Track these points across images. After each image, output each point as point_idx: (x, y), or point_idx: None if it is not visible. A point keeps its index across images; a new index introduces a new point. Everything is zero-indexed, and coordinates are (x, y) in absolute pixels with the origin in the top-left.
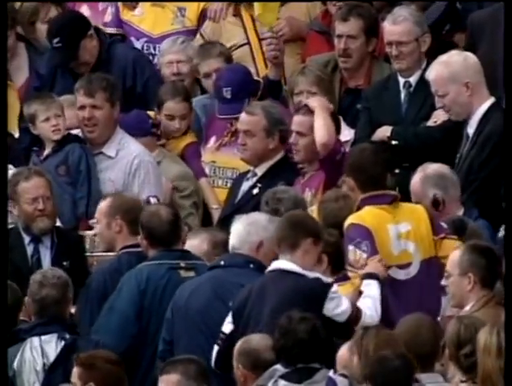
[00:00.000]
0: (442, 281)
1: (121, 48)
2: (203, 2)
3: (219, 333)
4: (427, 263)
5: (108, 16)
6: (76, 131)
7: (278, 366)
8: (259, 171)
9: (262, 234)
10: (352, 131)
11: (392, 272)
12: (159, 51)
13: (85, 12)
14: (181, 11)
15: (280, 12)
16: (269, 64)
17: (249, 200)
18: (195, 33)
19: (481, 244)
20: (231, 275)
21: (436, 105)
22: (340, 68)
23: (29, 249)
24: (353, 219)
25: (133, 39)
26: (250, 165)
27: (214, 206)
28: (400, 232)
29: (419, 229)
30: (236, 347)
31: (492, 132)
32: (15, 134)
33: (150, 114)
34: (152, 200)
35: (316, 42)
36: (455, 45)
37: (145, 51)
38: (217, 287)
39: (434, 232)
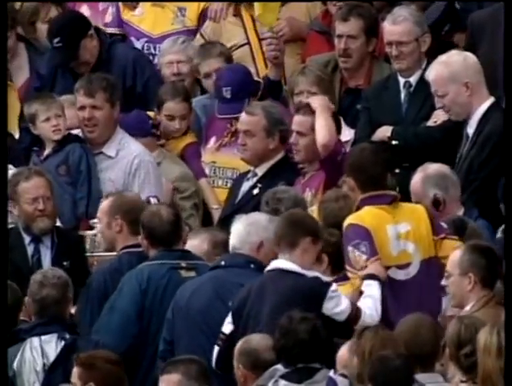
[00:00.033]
0: (442, 281)
1: (121, 48)
2: (203, 2)
3: (220, 333)
4: (427, 263)
5: (108, 16)
6: (77, 131)
7: (278, 366)
8: (259, 171)
9: (263, 234)
10: (352, 131)
11: (391, 272)
12: (159, 51)
13: (85, 12)
14: (181, 11)
15: (280, 12)
16: (269, 64)
17: (249, 200)
18: (195, 33)
19: (482, 244)
20: (232, 275)
21: (436, 105)
22: (340, 68)
23: (29, 249)
24: (352, 219)
25: (133, 39)
26: (250, 165)
27: (214, 206)
28: (399, 233)
29: (419, 229)
30: (236, 347)
31: (492, 132)
32: (15, 134)
33: (150, 114)
34: (152, 200)
35: (316, 42)
36: (455, 45)
37: (145, 51)
38: (218, 287)
39: (434, 232)
